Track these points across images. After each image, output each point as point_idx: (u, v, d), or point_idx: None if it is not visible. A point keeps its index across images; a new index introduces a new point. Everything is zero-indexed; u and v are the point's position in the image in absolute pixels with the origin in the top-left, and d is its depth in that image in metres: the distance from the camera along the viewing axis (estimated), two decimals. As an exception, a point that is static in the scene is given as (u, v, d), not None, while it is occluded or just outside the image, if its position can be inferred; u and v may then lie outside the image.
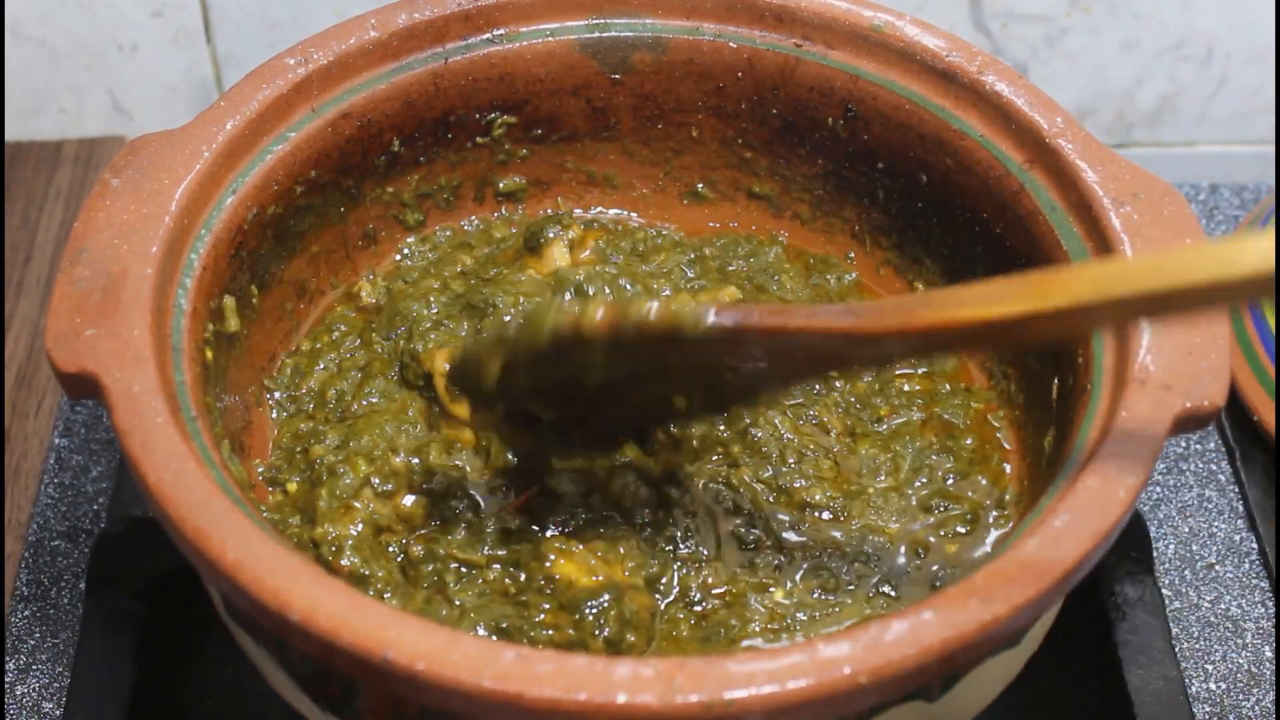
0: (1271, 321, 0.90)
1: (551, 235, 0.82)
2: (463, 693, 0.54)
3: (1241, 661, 0.84)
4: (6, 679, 0.82)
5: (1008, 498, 0.74)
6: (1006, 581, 0.58)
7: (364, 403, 0.76)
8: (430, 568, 0.69)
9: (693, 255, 0.84)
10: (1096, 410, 0.65)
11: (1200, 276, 0.54)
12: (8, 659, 0.83)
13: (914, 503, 0.74)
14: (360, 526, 0.70)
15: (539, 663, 0.54)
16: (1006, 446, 0.77)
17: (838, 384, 0.78)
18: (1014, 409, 0.78)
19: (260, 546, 0.58)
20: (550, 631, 0.66)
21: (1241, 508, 0.90)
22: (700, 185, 0.87)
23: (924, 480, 0.75)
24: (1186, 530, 0.90)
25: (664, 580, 0.70)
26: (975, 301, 0.58)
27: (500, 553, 0.70)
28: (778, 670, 0.54)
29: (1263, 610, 0.86)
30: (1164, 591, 0.86)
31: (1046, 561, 0.58)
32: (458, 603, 0.68)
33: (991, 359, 0.80)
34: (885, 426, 0.77)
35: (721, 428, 0.75)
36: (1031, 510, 0.62)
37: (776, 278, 0.84)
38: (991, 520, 0.74)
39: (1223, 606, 0.86)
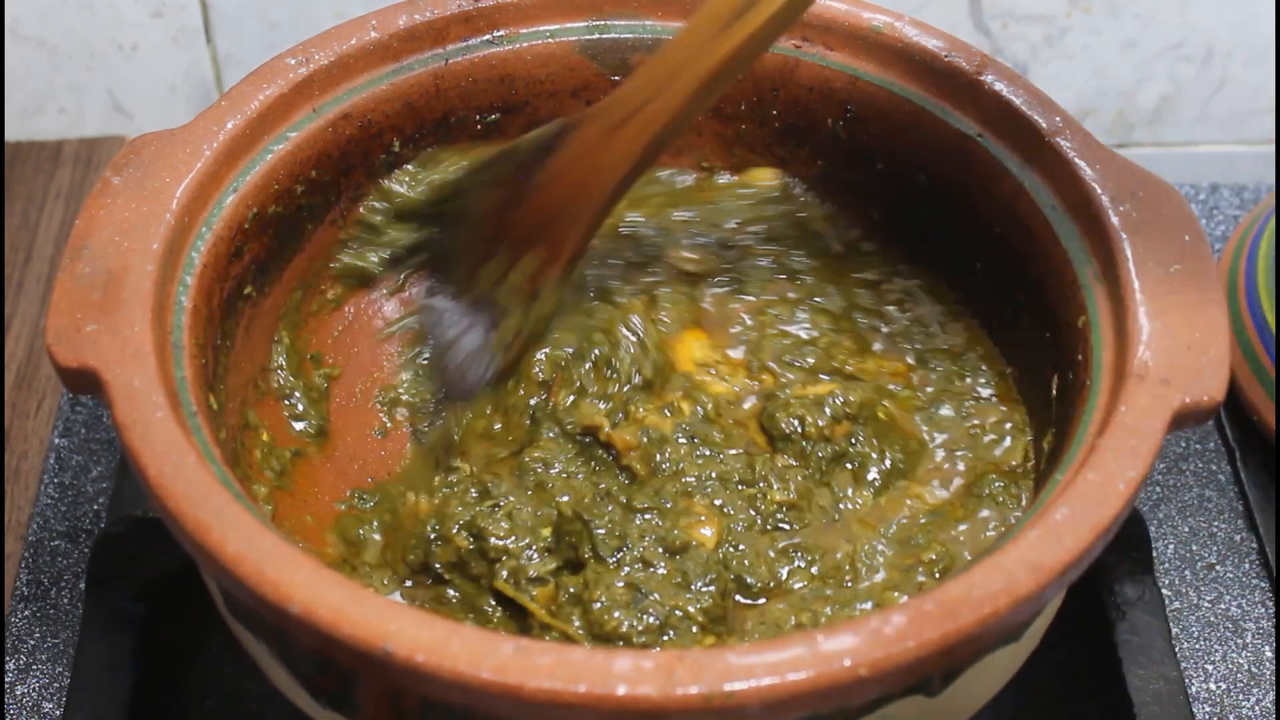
0: (1272, 321, 0.90)
1: None
2: (462, 685, 0.54)
3: (1241, 661, 0.84)
4: (6, 679, 0.82)
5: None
6: (1007, 574, 0.58)
7: None
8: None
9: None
10: (1096, 405, 0.65)
11: None
12: (8, 659, 0.83)
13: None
14: None
15: (538, 654, 0.54)
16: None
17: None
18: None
19: (260, 539, 0.58)
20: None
21: (1241, 508, 0.90)
22: (699, 186, 0.88)
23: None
24: (1186, 530, 0.90)
25: None
26: None
27: None
28: (778, 662, 0.54)
29: (1263, 610, 0.86)
30: (1164, 591, 0.86)
31: (1047, 554, 0.58)
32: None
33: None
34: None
35: None
36: (1032, 504, 0.63)
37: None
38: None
39: (1223, 606, 0.86)
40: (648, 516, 0.71)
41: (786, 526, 0.72)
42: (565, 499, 0.72)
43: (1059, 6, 1.06)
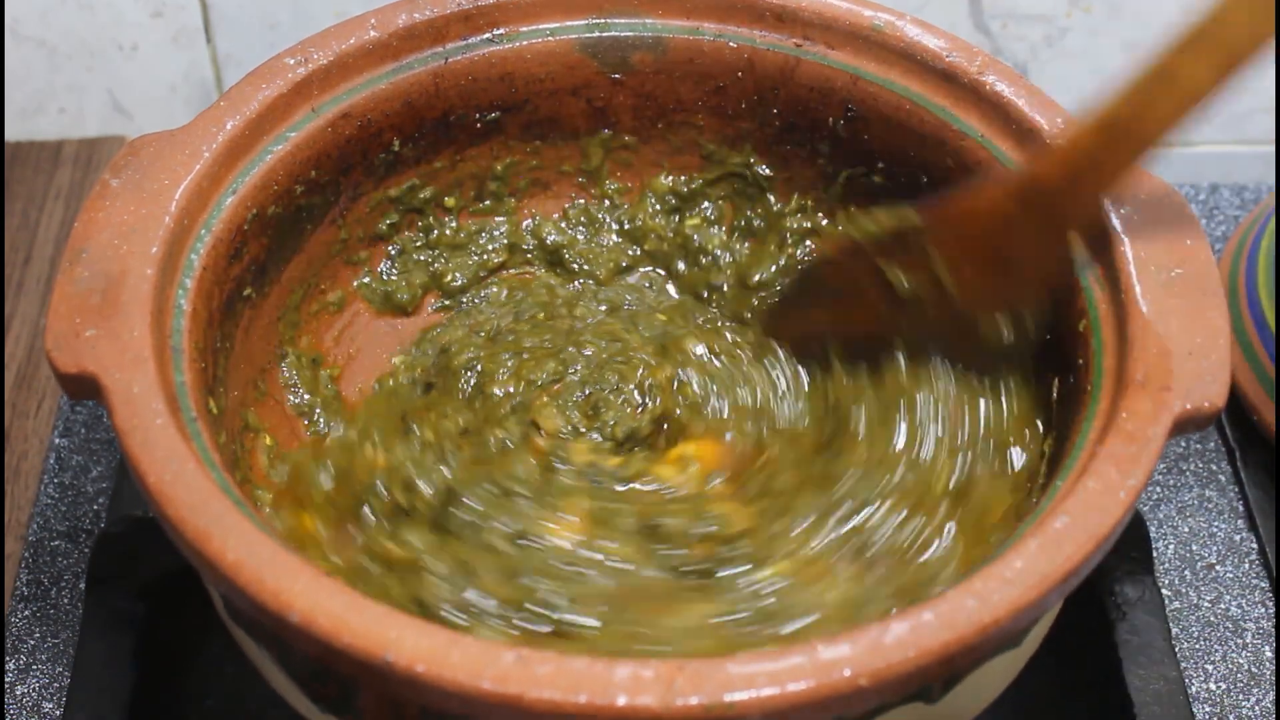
0: (1272, 322, 0.89)
1: None
2: (462, 694, 0.54)
3: (1241, 661, 0.84)
4: (6, 679, 0.82)
5: None
6: (1006, 583, 0.57)
7: None
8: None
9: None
10: (1096, 412, 0.65)
11: None
12: (8, 659, 0.83)
13: None
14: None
15: (539, 664, 0.54)
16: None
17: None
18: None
19: (260, 547, 0.58)
20: None
21: (1241, 508, 0.90)
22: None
23: None
24: (1186, 530, 0.90)
25: None
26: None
27: None
28: (778, 672, 0.54)
29: (1263, 610, 0.86)
30: (1164, 591, 0.86)
31: (1047, 563, 0.58)
32: None
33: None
34: None
35: None
36: (1032, 512, 0.63)
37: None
38: None
39: (1223, 606, 0.86)
40: (520, 503, 0.71)
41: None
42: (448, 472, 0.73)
43: (1059, 6, 1.06)
